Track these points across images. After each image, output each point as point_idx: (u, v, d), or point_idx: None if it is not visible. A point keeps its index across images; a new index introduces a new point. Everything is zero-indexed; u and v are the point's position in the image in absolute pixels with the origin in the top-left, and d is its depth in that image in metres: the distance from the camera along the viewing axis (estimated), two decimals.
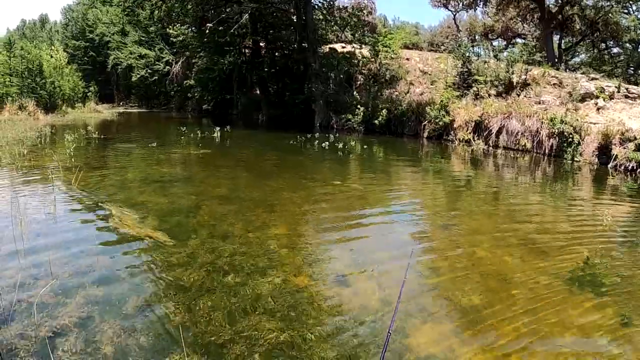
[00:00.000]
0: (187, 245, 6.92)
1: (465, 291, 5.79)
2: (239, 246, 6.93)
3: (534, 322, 5.13)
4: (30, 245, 6.73)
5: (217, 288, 5.57)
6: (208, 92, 41.65)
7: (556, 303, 5.59)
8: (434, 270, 6.52)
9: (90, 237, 7.30)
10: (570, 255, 7.23)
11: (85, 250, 6.69)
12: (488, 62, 26.48)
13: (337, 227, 8.43)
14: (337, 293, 5.64)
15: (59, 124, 28.25)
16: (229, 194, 10.38)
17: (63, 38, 63.61)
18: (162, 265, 6.26)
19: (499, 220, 9.19)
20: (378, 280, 6.05)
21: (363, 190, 11.81)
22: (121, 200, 9.50)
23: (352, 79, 31.36)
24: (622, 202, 11.86)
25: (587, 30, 35.93)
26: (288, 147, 19.59)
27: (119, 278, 5.82)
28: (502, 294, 5.78)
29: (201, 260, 6.38)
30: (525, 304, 5.53)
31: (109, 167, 13.79)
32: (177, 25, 39.90)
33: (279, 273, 6.05)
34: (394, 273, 6.25)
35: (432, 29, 61.73)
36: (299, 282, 5.81)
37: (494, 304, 5.51)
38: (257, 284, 5.69)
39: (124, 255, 6.59)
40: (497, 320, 5.14)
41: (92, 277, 5.77)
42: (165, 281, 5.77)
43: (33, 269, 5.96)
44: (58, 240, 7.04)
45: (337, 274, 6.17)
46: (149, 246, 6.92)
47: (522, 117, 20.40)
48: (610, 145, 17.17)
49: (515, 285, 6.04)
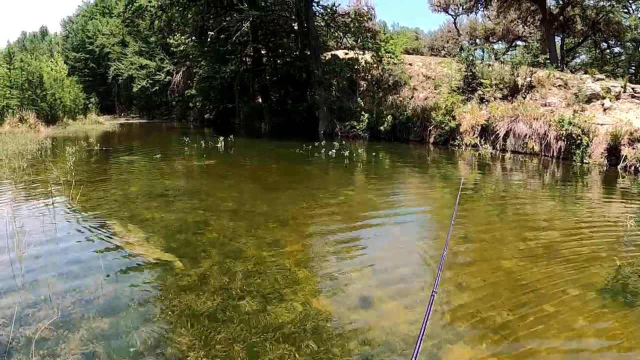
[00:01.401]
0: (198, 267, 6.48)
1: (495, 307, 5.43)
2: (252, 267, 6.51)
3: (571, 337, 4.83)
4: (28, 270, 6.31)
5: (234, 316, 5.13)
6: (209, 101, 41.63)
7: (591, 316, 5.27)
8: (460, 286, 6.11)
9: (94, 259, 6.84)
10: (598, 262, 6.89)
11: (88, 275, 6.24)
12: (492, 65, 26.25)
13: (353, 242, 8.02)
14: (362, 317, 5.23)
15: (60, 136, 28.11)
16: (237, 208, 10.00)
17: (63, 50, 63.81)
18: (173, 290, 5.81)
19: (520, 229, 8.79)
20: (403, 300, 5.69)
21: (376, 201, 11.48)
22: (125, 217, 9.11)
23: (355, 85, 31.15)
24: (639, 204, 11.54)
25: (589, 30, 35.77)
26: (294, 155, 19.28)
27: (126, 307, 5.37)
28: (533, 309, 5.41)
29: (214, 283, 5.95)
30: (559, 319, 5.19)
31: (111, 181, 13.48)
32: (177, 35, 39.83)
33: (298, 296, 5.65)
34: (419, 291, 5.92)
35: (432, 33, 61.59)
36: (320, 307, 5.40)
37: (527, 320, 5.16)
38: (276, 310, 5.28)
39: (130, 280, 6.13)
40: (532, 337, 4.81)
41: (97, 307, 5.33)
42: (177, 310, 5.31)
43: (32, 297, 5.54)
44: (59, 264, 6.62)
45: (360, 295, 5.77)
46: (157, 269, 6.50)
47: (529, 120, 20.10)
48: (619, 146, 16.88)
49: (546, 298, 5.68)
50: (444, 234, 8.42)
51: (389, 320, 5.18)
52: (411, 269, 6.76)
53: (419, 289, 6.01)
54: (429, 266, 6.77)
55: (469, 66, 25.31)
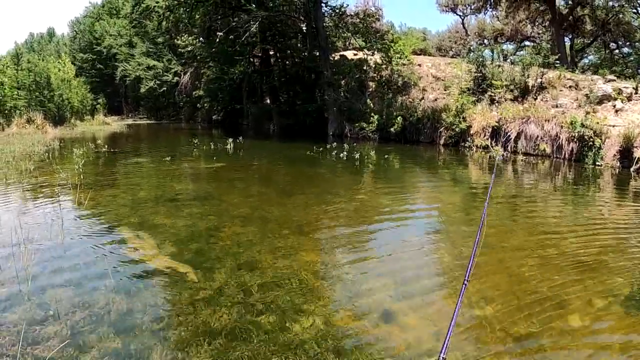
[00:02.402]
0: (213, 279, 6.22)
1: (521, 320, 5.23)
2: (269, 278, 6.27)
3: (599, 351, 4.66)
4: (35, 282, 6.04)
5: (253, 333, 4.87)
6: (217, 102, 41.57)
7: (618, 329, 5.10)
8: (483, 297, 5.87)
9: (103, 270, 6.53)
10: (621, 271, 6.68)
11: (98, 288, 5.96)
12: (502, 66, 26.04)
13: (371, 250, 7.76)
14: (386, 332, 5.00)
15: (68, 137, 28.07)
16: (250, 214, 9.75)
17: (71, 51, 63.85)
18: (187, 304, 5.54)
19: (540, 235, 8.56)
20: (427, 313, 5.48)
21: (391, 206, 11.22)
22: (135, 223, 8.88)
23: (364, 86, 30.98)
24: None
25: (599, 30, 35.48)
26: (305, 158, 19.09)
27: (139, 324, 5.08)
28: (559, 322, 5.23)
29: (230, 297, 5.70)
30: (585, 332, 5.02)
31: (120, 185, 13.30)
32: (184, 36, 39.74)
33: (317, 310, 5.43)
34: (443, 303, 5.73)
35: (440, 34, 61.24)
36: (341, 322, 5.17)
37: (553, 333, 4.97)
38: (296, 326, 5.05)
39: (142, 293, 5.86)
40: (558, 351, 4.65)
41: (108, 323, 5.06)
42: (192, 326, 5.02)
43: (40, 312, 5.27)
44: (67, 275, 6.33)
45: (382, 308, 5.53)
46: (170, 280, 6.24)
47: (541, 122, 19.88)
48: (632, 148, 16.65)
49: (571, 310, 5.50)
50: (464, 241, 8.22)
51: (412, 334, 4.99)
52: (432, 280, 6.56)
53: (442, 301, 5.83)
54: (450, 276, 6.57)
55: (479, 67, 25.10)
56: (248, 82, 35.96)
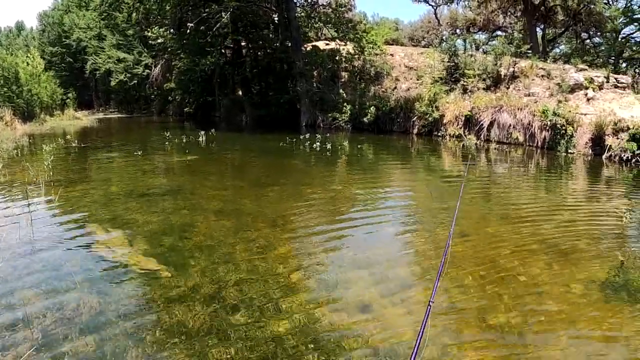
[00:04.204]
0: (186, 276, 6.07)
1: (499, 309, 5.25)
2: (244, 274, 6.14)
3: (579, 338, 4.73)
4: (4, 285, 5.83)
5: (229, 331, 4.75)
6: (189, 95, 41.07)
7: (598, 316, 5.17)
8: (461, 287, 5.87)
9: (74, 269, 6.33)
10: (598, 258, 6.80)
11: (69, 288, 5.76)
12: (474, 55, 26.15)
13: (348, 242, 7.65)
14: (364, 325, 4.93)
15: (38, 134, 27.49)
16: (223, 207, 9.61)
17: (40, 44, 62.39)
18: (161, 303, 5.38)
19: (516, 224, 8.57)
20: (405, 305, 5.44)
21: (365, 196, 11.22)
22: (106, 220, 8.66)
23: (336, 76, 30.88)
24: (632, 195, 11.57)
25: (570, 21, 35.82)
26: (278, 149, 18.96)
27: (112, 323, 4.93)
28: (538, 309, 5.27)
29: (205, 294, 5.56)
30: (564, 319, 5.06)
31: (91, 180, 13.02)
32: (155, 28, 39.14)
33: (294, 304, 5.33)
34: (420, 294, 5.69)
35: (412, 24, 61.29)
36: (318, 315, 5.09)
37: (532, 321, 5.00)
38: (273, 321, 4.94)
39: (114, 293, 5.69)
40: (537, 337, 4.69)
41: (80, 325, 4.88)
42: (167, 326, 4.88)
43: (9, 316, 5.07)
44: (37, 275, 6.12)
45: (360, 301, 5.47)
46: (143, 278, 6.07)
47: (513, 110, 20.08)
48: (604, 136, 16.93)
49: (549, 297, 5.55)
50: (438, 230, 8.24)
51: (391, 326, 4.94)
52: (409, 269, 6.54)
53: (419, 291, 5.80)
54: (426, 265, 6.57)
55: (451, 56, 25.18)
56: (220, 74, 35.55)
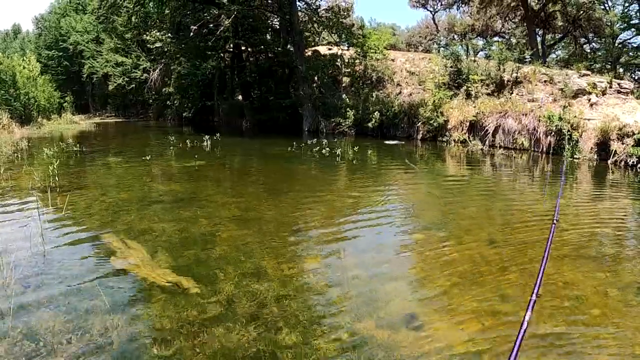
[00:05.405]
0: (219, 292, 5.60)
1: (546, 317, 5.10)
2: (279, 288, 5.75)
3: (623, 344, 4.62)
4: (19, 306, 5.20)
5: (279, 353, 4.35)
6: (188, 99, 40.83)
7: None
8: (503, 296, 5.68)
9: (94, 286, 5.77)
10: (626, 261, 6.81)
11: (92, 310, 5.16)
12: (477, 60, 26.14)
13: (379, 252, 7.24)
14: (414, 339, 4.66)
15: (35, 137, 27.25)
16: (243, 215, 9.23)
17: (36, 48, 62.14)
18: (197, 323, 4.87)
19: (544, 232, 8.40)
20: (450, 315, 5.23)
21: (385, 202, 11.01)
22: (122, 230, 8.12)
23: (338, 81, 30.80)
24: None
25: (570, 26, 35.93)
26: (286, 155, 18.69)
27: (147, 350, 4.40)
28: (581, 316, 5.19)
29: (242, 312, 5.11)
30: (607, 325, 4.99)
31: (99, 186, 12.62)
32: (153, 32, 38.94)
33: (338, 320, 5.01)
34: (464, 302, 5.49)
35: (410, 29, 61.43)
36: (365, 331, 4.77)
37: (579, 328, 4.91)
38: (320, 341, 4.60)
39: (143, 313, 5.16)
40: (589, 345, 4.61)
41: (111, 352, 4.38)
42: (209, 350, 4.38)
43: (27, 341, 4.49)
44: (54, 294, 5.52)
45: (405, 314, 5.18)
46: (173, 296, 5.52)
47: (518, 116, 20.05)
48: (609, 141, 16.92)
49: (590, 304, 5.43)
50: (468, 237, 7.97)
51: (440, 340, 4.71)
52: (451, 279, 6.25)
53: (464, 300, 5.57)
54: (466, 275, 6.32)
55: (454, 62, 25.14)
56: (219, 78, 35.45)
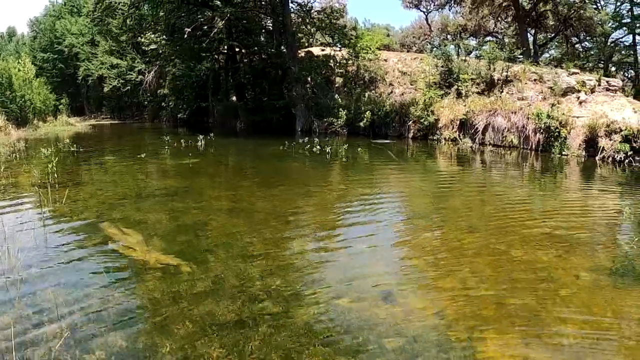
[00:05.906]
0: (208, 270, 6.09)
1: (516, 294, 5.47)
2: (265, 267, 6.22)
3: (592, 320, 4.94)
4: (25, 284, 5.72)
5: (260, 321, 4.78)
6: (183, 101, 40.91)
7: (608, 299, 5.46)
8: (479, 276, 6.08)
9: (94, 266, 6.33)
10: (607, 248, 7.19)
11: (91, 285, 5.70)
12: (468, 60, 26.45)
13: (362, 238, 7.66)
14: (388, 313, 5.04)
15: (32, 139, 27.47)
16: (234, 206, 9.72)
17: (31, 50, 62.10)
18: (188, 297, 5.34)
19: (524, 220, 8.78)
20: (424, 292, 5.62)
21: (371, 194, 11.39)
22: (118, 220, 8.59)
23: (330, 82, 31.05)
24: (633, 192, 11.92)
25: (561, 25, 36.23)
26: (278, 153, 18.99)
27: (142, 319, 4.90)
28: (551, 294, 5.52)
29: (229, 287, 5.58)
30: (577, 303, 5.32)
31: (96, 182, 13.06)
32: (148, 34, 39.16)
33: (318, 295, 5.46)
34: (440, 283, 5.86)
35: (403, 30, 61.65)
36: (344, 304, 5.21)
37: (548, 305, 5.23)
38: (301, 310, 5.04)
39: (139, 288, 5.66)
40: (553, 320, 4.92)
41: (109, 321, 4.83)
42: (198, 318, 4.84)
43: (35, 313, 5.02)
44: (57, 274, 6.06)
45: (381, 291, 5.57)
46: (166, 274, 6.01)
47: (508, 114, 20.37)
48: (597, 138, 17.25)
49: (561, 284, 5.79)
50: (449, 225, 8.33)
51: (413, 312, 5.09)
52: (427, 261, 6.68)
53: (439, 279, 5.96)
54: (444, 258, 6.75)
55: (445, 61, 25.45)
56: (214, 80, 35.61)
